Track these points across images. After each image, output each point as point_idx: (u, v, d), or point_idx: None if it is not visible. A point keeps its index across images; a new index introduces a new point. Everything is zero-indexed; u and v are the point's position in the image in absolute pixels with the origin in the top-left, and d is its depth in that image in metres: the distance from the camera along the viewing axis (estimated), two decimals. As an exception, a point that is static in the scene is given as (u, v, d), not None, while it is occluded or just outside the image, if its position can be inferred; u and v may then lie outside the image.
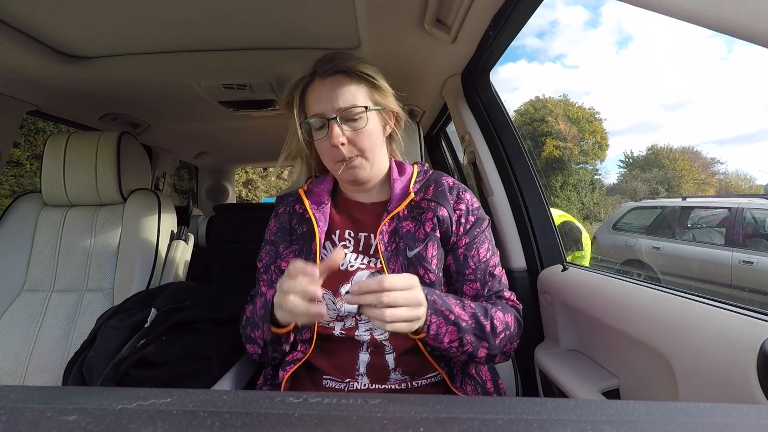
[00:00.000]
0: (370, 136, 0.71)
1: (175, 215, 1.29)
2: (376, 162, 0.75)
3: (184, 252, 1.28)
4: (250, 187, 11.41)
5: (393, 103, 0.75)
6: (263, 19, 0.98)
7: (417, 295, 0.58)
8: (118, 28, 0.99)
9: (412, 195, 0.75)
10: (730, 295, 3.58)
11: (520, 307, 0.78)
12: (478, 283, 0.76)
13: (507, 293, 0.78)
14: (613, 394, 0.81)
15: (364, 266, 0.74)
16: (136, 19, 0.95)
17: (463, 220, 0.76)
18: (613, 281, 0.87)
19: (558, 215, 2.94)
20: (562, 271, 1.03)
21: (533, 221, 1.14)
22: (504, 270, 0.80)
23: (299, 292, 0.56)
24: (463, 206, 0.77)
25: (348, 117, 0.69)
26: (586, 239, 2.90)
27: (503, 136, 1.19)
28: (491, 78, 1.22)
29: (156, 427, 0.22)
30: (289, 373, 0.73)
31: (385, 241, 0.74)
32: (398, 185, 0.77)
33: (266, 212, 0.83)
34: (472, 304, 0.68)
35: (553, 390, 0.94)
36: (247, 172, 10.81)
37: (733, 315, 0.59)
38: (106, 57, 1.13)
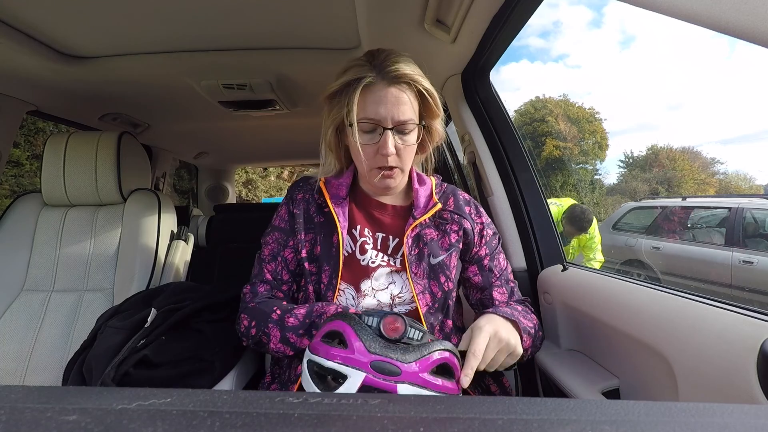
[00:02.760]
0: (414, 150, 0.75)
1: (175, 215, 1.29)
2: (408, 173, 0.79)
3: (184, 252, 1.27)
4: (250, 187, 11.41)
5: (438, 124, 0.77)
6: (263, 19, 0.98)
7: (503, 337, 0.64)
8: (118, 28, 0.99)
9: (439, 205, 0.80)
10: (730, 295, 3.58)
11: None
12: (504, 288, 0.83)
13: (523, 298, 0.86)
14: (613, 394, 0.80)
15: (384, 263, 0.77)
16: (136, 19, 0.95)
17: (483, 233, 0.83)
18: (613, 281, 0.87)
19: (566, 201, 2.96)
20: (562, 271, 1.03)
21: (533, 221, 1.14)
22: None
23: None
24: (482, 220, 0.84)
25: (402, 130, 0.71)
26: (594, 229, 2.90)
27: (503, 136, 1.19)
28: (491, 78, 1.22)
29: (156, 427, 0.22)
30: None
31: (409, 244, 0.77)
32: (422, 194, 0.81)
33: (266, 212, 0.84)
34: (518, 307, 0.78)
35: (553, 390, 0.94)
36: (247, 172, 10.81)
37: (733, 315, 0.59)
38: (106, 57, 1.13)
